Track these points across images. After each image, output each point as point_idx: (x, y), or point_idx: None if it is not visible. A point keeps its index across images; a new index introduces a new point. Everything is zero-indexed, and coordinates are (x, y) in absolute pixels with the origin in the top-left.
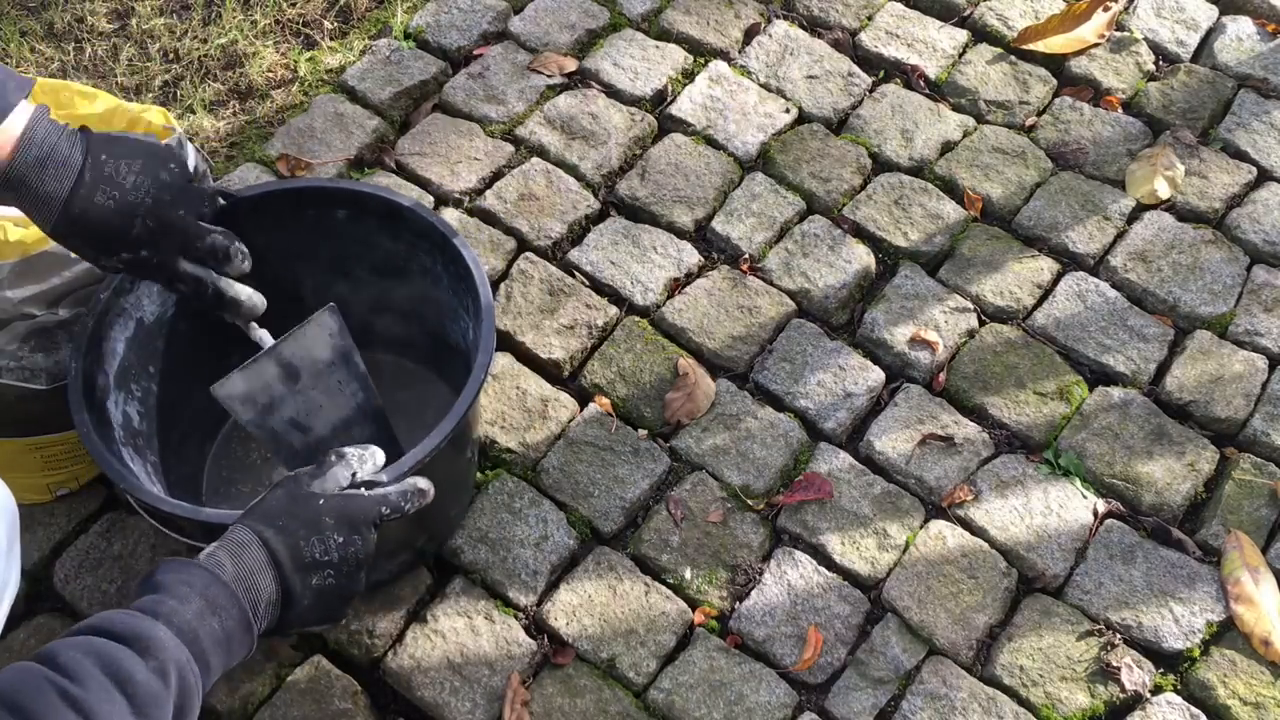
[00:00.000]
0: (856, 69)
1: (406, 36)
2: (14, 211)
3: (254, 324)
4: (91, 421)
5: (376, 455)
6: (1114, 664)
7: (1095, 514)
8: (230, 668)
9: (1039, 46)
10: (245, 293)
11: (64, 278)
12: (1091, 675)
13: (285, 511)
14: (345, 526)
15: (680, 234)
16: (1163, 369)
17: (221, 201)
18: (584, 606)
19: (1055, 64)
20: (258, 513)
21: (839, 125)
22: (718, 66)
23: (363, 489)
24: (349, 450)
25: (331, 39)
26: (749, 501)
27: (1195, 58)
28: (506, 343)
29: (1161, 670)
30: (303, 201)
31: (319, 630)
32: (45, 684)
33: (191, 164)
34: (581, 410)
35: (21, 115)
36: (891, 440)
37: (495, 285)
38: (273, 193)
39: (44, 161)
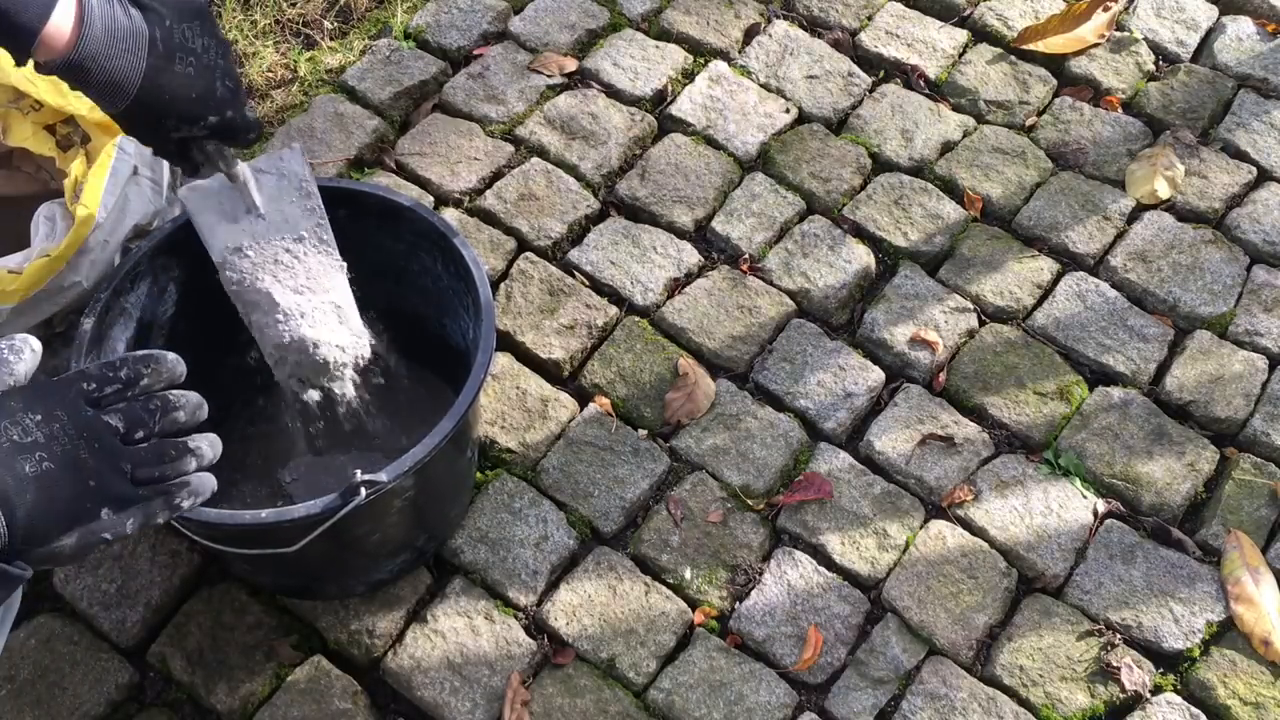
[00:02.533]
0: (856, 69)
1: (406, 36)
2: (9, 262)
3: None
4: None
5: (30, 343)
6: (1114, 664)
7: (1095, 514)
8: None
9: (1039, 46)
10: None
11: (59, 303)
12: (1091, 675)
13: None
14: (37, 404)
15: (680, 234)
16: (1163, 369)
17: None
18: (584, 606)
19: (1055, 64)
20: None
21: (839, 125)
22: (718, 66)
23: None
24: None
25: (331, 39)
26: (749, 501)
27: (1195, 58)
28: (506, 343)
29: (1161, 670)
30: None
31: (87, 542)
32: None
33: (166, 164)
34: (581, 410)
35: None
36: (891, 440)
37: (495, 285)
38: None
39: (112, 34)
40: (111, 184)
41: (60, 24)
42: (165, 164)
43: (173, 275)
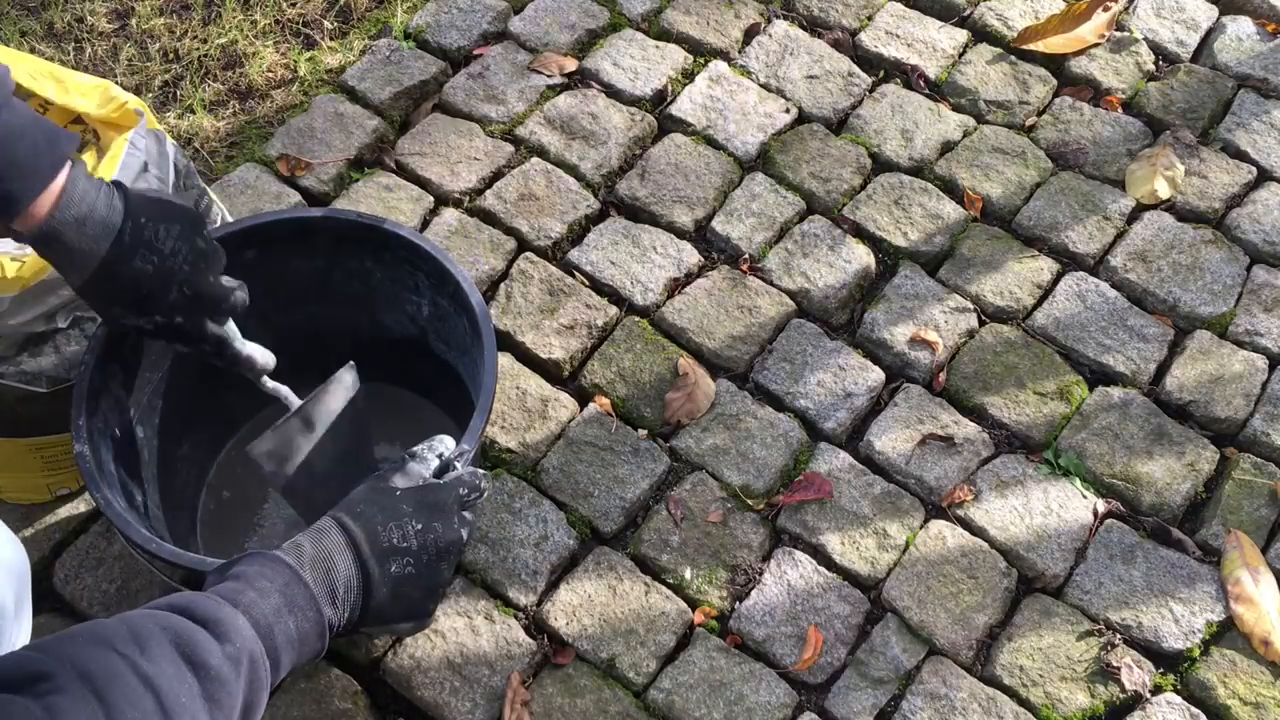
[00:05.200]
0: (856, 69)
1: (406, 36)
2: (11, 246)
3: (265, 377)
4: (91, 456)
5: (446, 441)
6: (1114, 664)
7: (1095, 514)
8: (297, 668)
9: (1039, 46)
10: (259, 351)
11: (61, 296)
12: (1091, 675)
13: (364, 500)
14: (423, 514)
15: (680, 234)
16: (1163, 369)
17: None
18: (584, 606)
19: (1055, 64)
20: (339, 504)
21: (839, 125)
22: (718, 66)
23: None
24: (419, 448)
25: (331, 39)
26: (749, 501)
27: (1195, 58)
28: (506, 343)
29: (1161, 670)
30: (275, 234)
31: (407, 632)
32: (115, 655)
33: (173, 162)
34: (581, 410)
35: (63, 174)
36: (891, 440)
37: (495, 285)
38: (250, 229)
39: (83, 220)
40: (121, 177)
41: (43, 199)
42: (171, 162)
43: None
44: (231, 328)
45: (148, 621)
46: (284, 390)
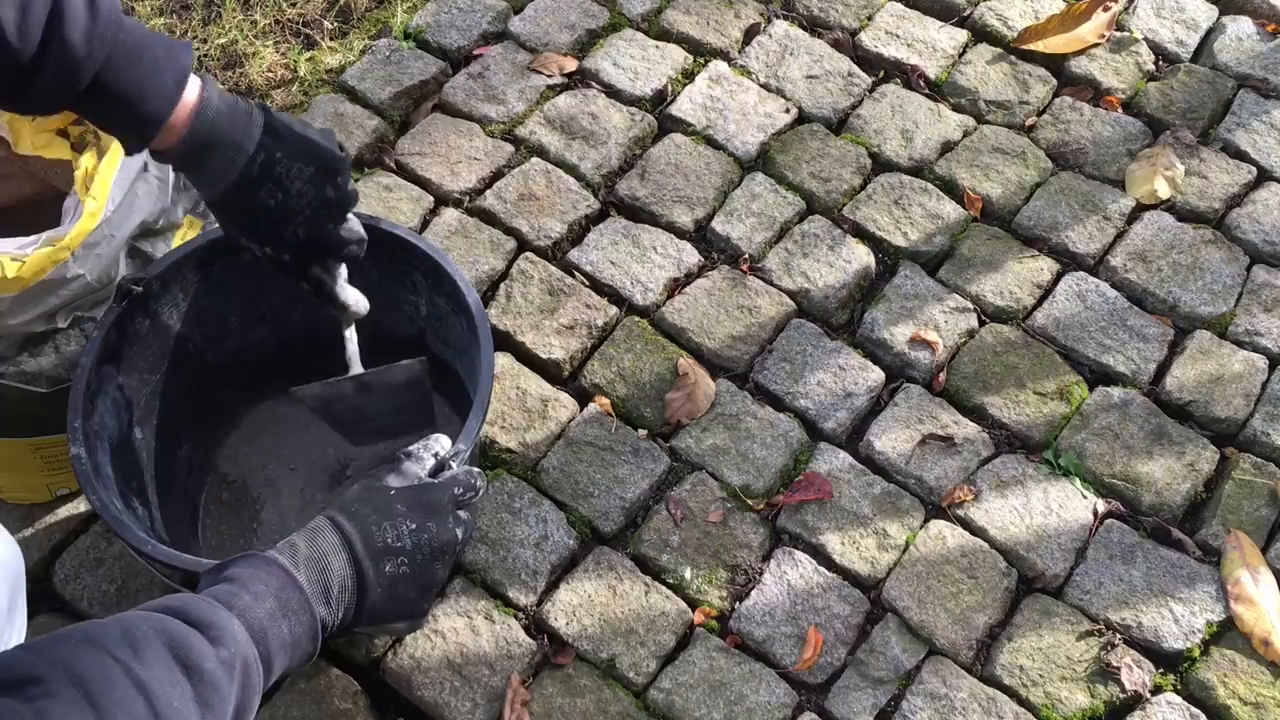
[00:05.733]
0: (856, 69)
1: (406, 36)
2: (12, 246)
3: (350, 336)
4: (86, 449)
5: (442, 441)
6: (1114, 664)
7: (1095, 514)
8: (289, 672)
9: (1039, 46)
10: (354, 297)
11: (61, 296)
12: (1091, 675)
13: (358, 499)
14: (418, 513)
15: (680, 234)
16: (1163, 369)
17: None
18: (584, 606)
19: (1055, 64)
20: (333, 503)
21: (839, 125)
22: (718, 66)
23: (434, 478)
24: (414, 447)
25: (331, 39)
26: (749, 501)
27: (1195, 58)
28: (506, 343)
29: (1161, 670)
30: None
31: (401, 632)
32: (109, 659)
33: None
34: (581, 410)
35: (193, 88)
36: (891, 440)
37: (495, 285)
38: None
39: (212, 145)
40: (120, 178)
41: (176, 117)
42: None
43: (190, 287)
44: (340, 269)
45: (142, 623)
46: (353, 349)
